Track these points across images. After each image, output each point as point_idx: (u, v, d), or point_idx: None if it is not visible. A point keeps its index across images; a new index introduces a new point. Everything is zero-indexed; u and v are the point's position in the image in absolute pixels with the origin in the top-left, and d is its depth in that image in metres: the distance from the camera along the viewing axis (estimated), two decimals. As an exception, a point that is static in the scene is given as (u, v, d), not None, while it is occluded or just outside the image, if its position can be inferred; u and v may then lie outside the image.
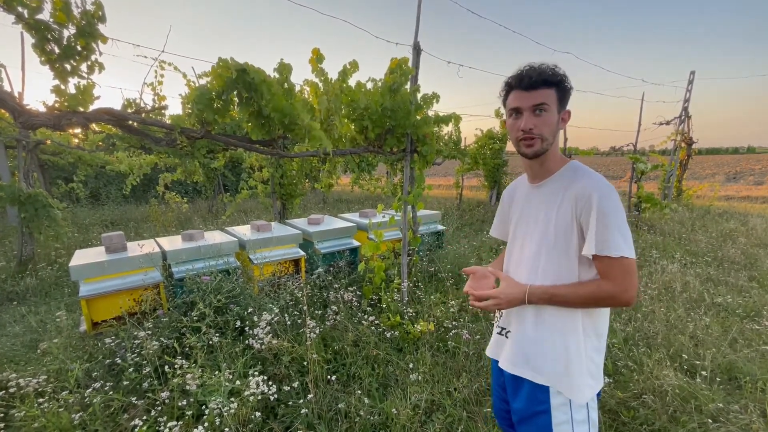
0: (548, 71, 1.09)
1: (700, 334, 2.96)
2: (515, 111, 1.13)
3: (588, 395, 1.15)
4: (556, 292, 1.10)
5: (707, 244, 5.74)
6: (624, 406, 2.30)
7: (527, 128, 1.10)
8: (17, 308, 3.95)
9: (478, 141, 9.52)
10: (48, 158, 7.94)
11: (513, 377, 1.26)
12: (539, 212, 1.20)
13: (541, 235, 1.17)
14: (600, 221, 1.04)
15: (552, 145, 1.14)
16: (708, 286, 4.02)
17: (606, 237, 1.03)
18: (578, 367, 1.14)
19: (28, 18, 1.89)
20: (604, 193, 1.05)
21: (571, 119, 1.17)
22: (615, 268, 1.05)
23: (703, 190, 11.79)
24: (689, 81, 9.16)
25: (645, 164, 7.39)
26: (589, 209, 1.05)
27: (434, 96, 3.28)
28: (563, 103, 1.13)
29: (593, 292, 1.08)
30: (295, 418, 2.13)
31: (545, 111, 1.09)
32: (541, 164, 1.19)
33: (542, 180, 1.21)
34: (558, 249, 1.13)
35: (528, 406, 1.20)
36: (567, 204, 1.11)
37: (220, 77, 2.07)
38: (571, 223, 1.10)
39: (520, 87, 1.11)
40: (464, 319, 3.22)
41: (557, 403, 1.16)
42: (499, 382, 1.38)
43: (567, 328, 1.15)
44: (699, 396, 2.24)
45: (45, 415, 1.88)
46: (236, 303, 2.64)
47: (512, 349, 1.24)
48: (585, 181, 1.09)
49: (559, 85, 1.10)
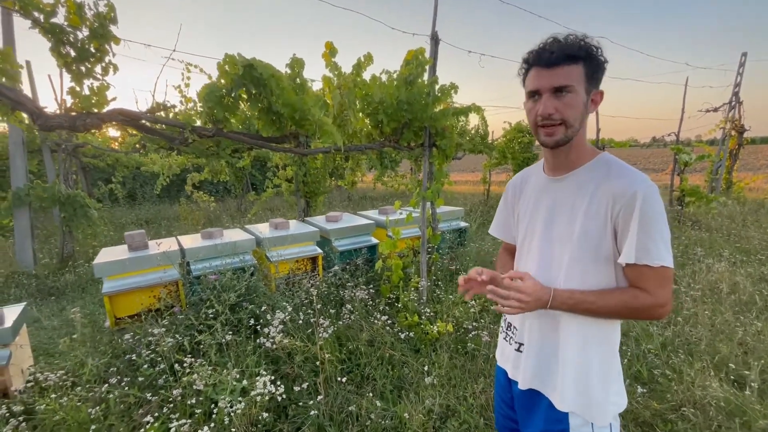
0: (574, 44, 0.92)
1: (750, 341, 2.67)
2: (534, 93, 0.97)
3: (612, 415, 1.03)
4: (583, 299, 0.96)
5: (761, 241, 5.24)
6: (660, 419, 2.10)
7: (546, 113, 0.94)
8: (56, 303, 4.18)
9: (507, 134, 9.21)
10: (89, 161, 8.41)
11: (526, 393, 1.12)
12: (561, 208, 1.04)
13: (565, 234, 1.02)
14: (642, 227, 0.90)
15: (578, 133, 0.98)
16: (761, 287, 3.65)
17: (647, 245, 0.90)
18: (604, 389, 1.01)
19: (44, 22, 1.94)
20: (649, 193, 0.91)
21: (605, 109, 1.00)
22: (652, 278, 0.92)
23: (756, 182, 10.84)
24: (740, 64, 8.43)
25: (689, 155, 6.87)
26: (631, 211, 0.91)
27: (452, 87, 3.14)
28: (594, 82, 0.95)
29: (627, 303, 0.94)
30: (306, 418, 2.09)
31: (569, 92, 0.92)
32: (566, 155, 1.02)
33: (566, 172, 1.04)
34: (584, 251, 0.99)
35: (543, 427, 1.08)
36: (600, 202, 0.96)
37: (227, 74, 2.05)
38: (604, 223, 0.95)
39: (540, 64, 0.94)
40: (485, 320, 3.08)
41: (577, 424, 1.03)
42: (506, 398, 1.24)
43: (592, 343, 1.02)
44: (747, 410, 2.01)
45: (63, 408, 1.93)
46: (250, 301, 2.64)
47: (533, 368, 1.10)
48: (626, 179, 0.94)
49: (588, 60, 0.92)
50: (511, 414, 1.23)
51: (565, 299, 0.96)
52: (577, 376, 1.02)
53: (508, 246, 1.34)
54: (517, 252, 1.22)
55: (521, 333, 1.15)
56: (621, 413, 1.10)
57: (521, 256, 1.18)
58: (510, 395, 1.22)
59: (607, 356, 1.03)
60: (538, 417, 1.10)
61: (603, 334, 1.02)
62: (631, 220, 0.91)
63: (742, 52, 8.50)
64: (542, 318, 1.07)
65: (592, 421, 1.01)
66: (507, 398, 1.24)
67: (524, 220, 1.17)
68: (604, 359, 1.03)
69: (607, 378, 1.02)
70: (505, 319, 1.25)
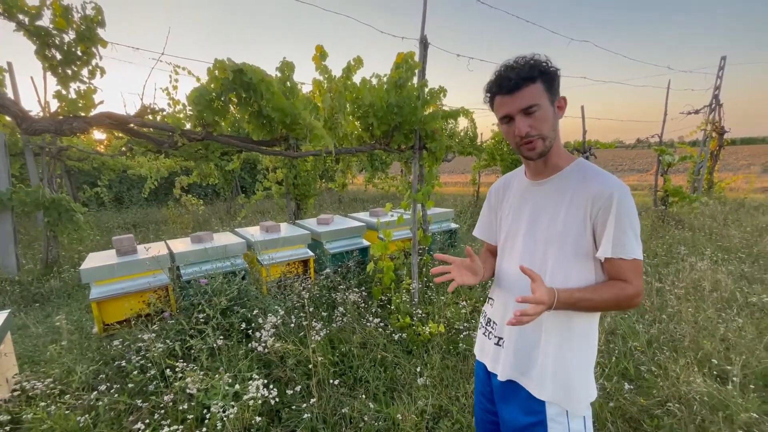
0: (526, 66, 1.00)
1: (731, 337, 2.76)
2: (506, 117, 1.05)
3: (585, 405, 1.10)
4: (581, 296, 1.01)
5: (741, 240, 5.39)
6: (647, 414, 2.15)
7: (524, 133, 1.02)
8: (41, 309, 4.08)
9: (495, 137, 9.31)
10: (74, 164, 8.24)
11: (505, 385, 1.17)
12: (543, 210, 1.12)
13: (548, 234, 1.09)
14: (618, 224, 1.00)
15: (554, 141, 1.07)
16: (741, 285, 3.76)
17: (622, 240, 1.00)
18: (579, 379, 1.08)
19: (29, 25, 1.91)
20: (623, 194, 1.01)
21: (590, 112, 1.06)
22: (628, 269, 1.02)
23: (737, 182, 11.14)
24: (720, 67, 8.67)
25: (672, 156, 7.04)
26: (608, 211, 1.00)
27: (441, 90, 3.18)
28: (554, 92, 1.04)
29: (617, 294, 1.02)
30: (299, 422, 2.09)
31: (537, 109, 1.01)
32: (545, 161, 1.11)
33: (546, 177, 1.13)
34: (566, 249, 1.06)
35: (521, 416, 1.13)
36: (580, 204, 1.04)
37: (216, 79, 2.04)
38: (583, 222, 1.04)
39: (502, 92, 1.03)
40: (476, 321, 3.11)
41: (553, 413, 1.09)
42: (485, 391, 1.29)
43: (566, 337, 1.08)
44: (730, 404, 2.07)
45: (52, 417, 1.90)
46: (242, 305, 2.63)
47: (512, 360, 1.15)
48: (603, 182, 1.03)
49: (543, 76, 1.01)
50: (490, 407, 1.28)
51: (567, 299, 1.01)
52: (558, 367, 1.08)
53: (489, 247, 1.40)
54: (500, 251, 1.28)
55: (501, 328, 1.20)
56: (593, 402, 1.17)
57: (504, 254, 1.24)
58: (489, 388, 1.27)
59: (585, 349, 1.10)
60: (516, 407, 1.15)
61: (582, 328, 1.09)
62: (608, 218, 1.00)
63: (721, 56, 8.75)
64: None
65: (567, 409, 1.08)
66: (486, 391, 1.29)
67: (507, 221, 1.23)
68: (583, 352, 1.10)
69: (585, 370, 1.09)
70: (485, 315, 1.30)
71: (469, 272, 1.19)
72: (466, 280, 1.17)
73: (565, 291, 1.01)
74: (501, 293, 1.23)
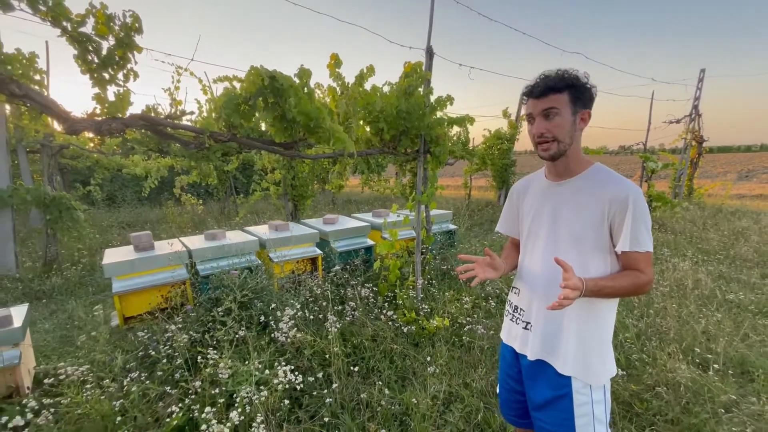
0: (555, 78, 1.17)
1: (712, 330, 3.01)
2: (529, 117, 1.24)
3: (605, 379, 1.27)
4: (604, 284, 1.16)
5: (719, 243, 5.74)
6: (637, 398, 2.36)
7: (539, 133, 1.20)
8: (46, 306, 4.11)
9: (486, 141, 9.57)
10: (67, 162, 8.17)
11: (534, 364, 1.33)
12: (563, 208, 1.27)
13: (569, 230, 1.25)
14: (635, 221, 1.14)
15: (570, 147, 1.22)
16: (720, 284, 4.05)
17: (638, 236, 1.15)
18: (597, 357, 1.25)
19: (72, 31, 2.03)
20: (638, 196, 1.16)
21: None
22: (642, 260, 1.18)
23: (714, 189, 11.67)
24: (699, 79, 9.13)
25: (655, 163, 7.40)
26: (625, 210, 1.15)
27: (448, 98, 3.38)
28: (579, 104, 1.19)
29: (634, 282, 1.17)
30: (319, 407, 2.23)
31: (556, 115, 1.17)
32: (565, 164, 1.27)
33: (566, 178, 1.28)
34: (585, 244, 1.22)
35: (550, 391, 1.29)
36: (599, 203, 1.19)
37: (253, 84, 2.18)
38: (601, 220, 1.19)
39: (531, 96, 1.21)
40: (478, 315, 3.30)
41: (578, 386, 1.26)
42: (512, 373, 1.45)
43: (585, 320, 1.24)
44: (711, 388, 2.30)
45: (88, 402, 2.00)
46: (259, 299, 2.76)
47: (540, 341, 1.31)
48: (620, 185, 1.18)
49: (571, 88, 1.17)
50: (517, 387, 1.44)
51: (592, 287, 1.15)
52: (577, 346, 1.25)
53: (513, 240, 1.57)
54: (522, 245, 1.44)
55: (528, 314, 1.37)
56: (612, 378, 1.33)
57: (527, 248, 1.41)
58: (517, 369, 1.43)
59: (601, 331, 1.27)
60: (545, 383, 1.32)
61: (599, 313, 1.26)
62: (626, 217, 1.16)
63: (700, 69, 9.22)
64: (549, 302, 1.27)
65: (590, 384, 1.25)
66: (513, 372, 1.45)
67: (528, 218, 1.40)
68: (600, 333, 1.26)
69: (601, 348, 1.26)
70: (511, 303, 1.47)
71: (490, 268, 1.38)
72: (488, 275, 1.35)
73: (591, 280, 1.16)
74: (526, 284, 1.39)
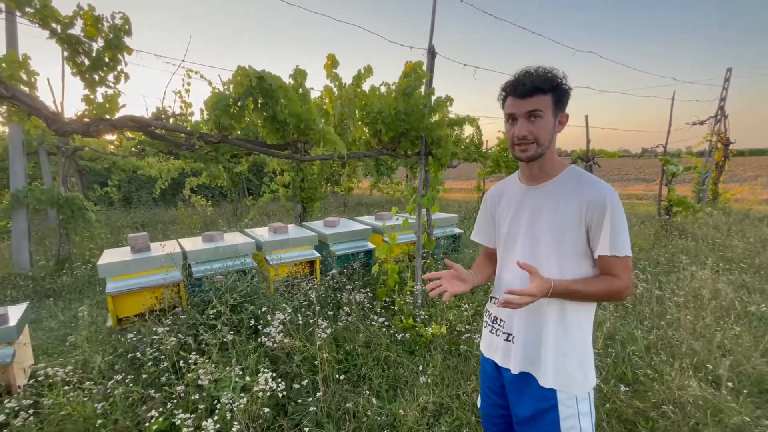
0: (541, 78, 1.10)
1: (728, 344, 2.81)
2: (511, 117, 1.17)
3: (589, 387, 1.21)
4: (576, 288, 1.12)
5: (744, 250, 5.42)
6: (642, 417, 2.21)
7: (522, 135, 1.14)
8: (54, 304, 4.21)
9: (500, 144, 9.38)
10: (86, 164, 8.42)
11: (518, 377, 1.25)
12: (540, 211, 1.21)
13: (546, 233, 1.19)
14: (613, 225, 1.10)
15: (548, 149, 1.18)
16: (741, 294, 3.80)
17: (616, 240, 1.11)
18: (576, 366, 1.18)
19: (61, 33, 2.04)
20: (615, 199, 1.12)
21: (594, 121, 1.15)
22: (619, 265, 1.13)
23: (742, 194, 11.13)
24: (725, 79, 8.73)
25: (676, 166, 7.09)
26: (603, 213, 1.10)
27: (448, 99, 3.28)
28: (560, 107, 1.15)
29: (606, 287, 1.13)
30: (304, 416, 2.17)
31: (540, 117, 1.12)
32: (540, 167, 1.22)
33: (542, 182, 1.23)
34: (562, 247, 1.17)
35: (536, 403, 1.22)
36: (575, 206, 1.14)
37: (240, 84, 2.16)
38: (578, 223, 1.14)
39: (515, 94, 1.13)
40: (478, 323, 3.19)
41: (563, 398, 1.19)
42: (494, 387, 1.37)
43: (561, 327, 1.18)
44: (723, 408, 2.13)
45: (70, 403, 2.00)
46: (251, 302, 2.72)
47: (522, 353, 1.24)
48: (596, 188, 1.14)
49: (555, 90, 1.11)
50: (499, 401, 1.35)
51: (562, 290, 1.12)
52: (557, 356, 1.18)
53: (488, 250, 1.49)
54: (500, 250, 1.36)
55: (509, 325, 1.28)
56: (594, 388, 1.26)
57: (506, 253, 1.32)
58: (500, 383, 1.34)
59: (580, 341, 1.20)
60: (530, 396, 1.23)
61: (574, 319, 1.19)
62: (604, 220, 1.11)
63: (727, 68, 8.81)
64: (528, 311, 1.21)
65: (575, 395, 1.18)
66: (496, 387, 1.36)
67: (505, 223, 1.32)
68: (577, 342, 1.19)
69: (580, 357, 1.19)
70: (490, 314, 1.38)
71: (458, 281, 1.29)
72: (457, 288, 1.26)
73: (560, 281, 1.12)
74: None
